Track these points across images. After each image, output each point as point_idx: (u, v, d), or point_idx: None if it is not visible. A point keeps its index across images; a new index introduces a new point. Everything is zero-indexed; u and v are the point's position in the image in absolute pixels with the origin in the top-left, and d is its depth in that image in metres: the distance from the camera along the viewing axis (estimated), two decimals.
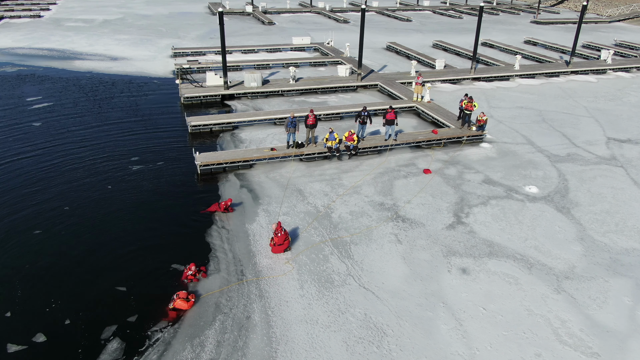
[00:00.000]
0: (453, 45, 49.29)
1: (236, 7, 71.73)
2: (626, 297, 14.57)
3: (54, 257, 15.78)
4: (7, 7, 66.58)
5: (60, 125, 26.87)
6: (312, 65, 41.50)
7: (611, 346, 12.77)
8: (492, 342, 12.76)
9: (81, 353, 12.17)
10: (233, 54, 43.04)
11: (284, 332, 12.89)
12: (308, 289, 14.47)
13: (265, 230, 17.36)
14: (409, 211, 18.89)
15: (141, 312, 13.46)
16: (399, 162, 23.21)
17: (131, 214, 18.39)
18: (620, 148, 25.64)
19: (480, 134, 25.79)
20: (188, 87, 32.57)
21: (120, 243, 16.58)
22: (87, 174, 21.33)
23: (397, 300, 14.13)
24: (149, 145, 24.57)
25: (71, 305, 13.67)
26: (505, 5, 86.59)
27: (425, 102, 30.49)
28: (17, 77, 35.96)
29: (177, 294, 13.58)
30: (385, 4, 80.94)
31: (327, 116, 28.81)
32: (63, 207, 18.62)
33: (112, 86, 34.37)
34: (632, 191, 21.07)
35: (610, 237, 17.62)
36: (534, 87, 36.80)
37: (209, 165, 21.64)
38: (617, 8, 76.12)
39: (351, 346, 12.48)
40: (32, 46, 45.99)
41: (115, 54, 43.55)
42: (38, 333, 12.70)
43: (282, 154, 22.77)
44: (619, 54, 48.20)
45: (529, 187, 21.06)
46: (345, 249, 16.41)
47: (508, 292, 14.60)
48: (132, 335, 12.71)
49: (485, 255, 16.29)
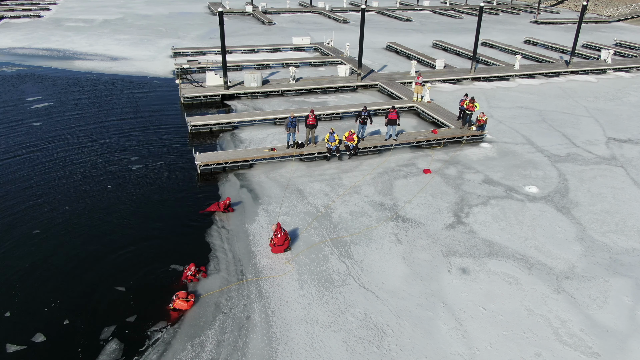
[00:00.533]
0: (453, 45, 49.29)
1: (236, 7, 71.72)
2: (626, 297, 14.57)
3: (53, 256, 15.75)
4: (7, 7, 66.59)
5: (60, 124, 26.83)
6: (312, 65, 41.50)
7: (611, 346, 12.76)
8: (492, 342, 12.76)
9: (80, 353, 12.16)
10: (233, 54, 43.05)
11: (284, 332, 12.88)
12: (308, 289, 14.46)
13: (265, 230, 17.35)
14: (409, 211, 18.88)
15: (141, 312, 13.45)
16: (399, 162, 23.20)
17: (131, 214, 18.39)
18: (620, 148, 25.64)
19: (480, 134, 25.78)
20: (188, 87, 32.57)
21: (119, 243, 16.56)
22: (86, 173, 21.31)
23: (397, 300, 14.13)
24: (148, 145, 24.56)
25: (70, 305, 13.66)
26: (505, 5, 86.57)
27: (425, 102, 30.49)
28: (17, 77, 35.93)
29: (176, 294, 13.61)
30: (385, 4, 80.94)
31: (327, 116, 28.81)
32: (63, 206, 18.61)
33: (112, 86, 34.36)
34: (632, 191, 21.06)
35: (610, 237, 17.61)
36: (534, 87, 36.80)
37: (208, 165, 21.63)
38: (617, 8, 76.12)
39: (351, 346, 12.48)
40: (32, 46, 45.99)
41: (115, 54, 43.54)
42: (37, 333, 12.68)
43: (282, 154, 22.77)
44: (619, 53, 48.19)
45: (529, 187, 21.06)
46: (345, 249, 16.41)
47: (508, 292, 14.60)
48: (131, 335, 12.70)
49: (485, 255, 16.28)
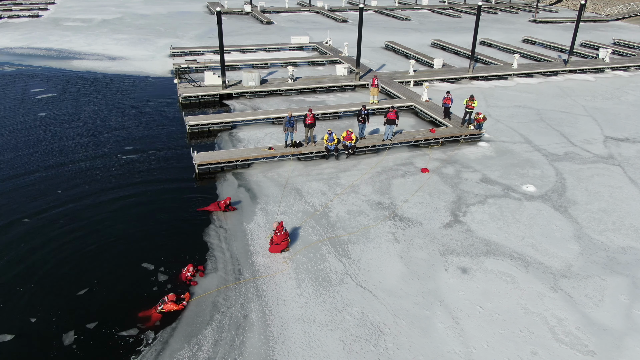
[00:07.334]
0: (451, 44, 49.30)
1: (235, 7, 71.66)
2: (622, 296, 14.62)
3: (51, 255, 15.78)
4: (5, 7, 66.48)
5: (59, 124, 26.85)
6: (311, 64, 41.52)
7: (607, 344, 12.81)
8: (489, 340, 12.80)
9: (77, 352, 12.18)
10: (231, 53, 43.04)
11: (281, 330, 12.92)
12: (305, 288, 14.50)
13: (263, 229, 17.37)
14: (407, 210, 18.92)
15: (138, 311, 13.44)
16: (396, 161, 23.23)
17: (128, 214, 18.41)
18: (618, 147, 25.68)
19: (478, 132, 25.82)
20: (186, 86, 32.57)
21: (117, 242, 16.58)
22: (82, 172, 21.33)
23: (394, 298, 14.16)
24: (146, 144, 24.55)
25: (67, 305, 13.69)
26: (503, 4, 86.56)
27: (423, 100, 30.54)
28: (15, 77, 35.90)
29: (167, 296, 13.44)
30: (383, 3, 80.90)
31: (325, 115, 28.83)
32: (63, 204, 18.65)
33: (110, 85, 34.35)
34: (629, 190, 21.11)
35: (607, 236, 17.66)
36: (532, 86, 36.82)
37: (207, 165, 21.65)
38: (616, 7, 76.15)
39: (348, 345, 12.51)
40: (31, 46, 45.93)
41: (113, 54, 43.50)
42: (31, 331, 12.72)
43: (280, 153, 22.79)
44: (617, 52, 48.22)
45: (526, 185, 21.10)
46: (343, 248, 16.44)
47: (505, 291, 14.64)
48: (129, 334, 12.72)
49: (483, 254, 16.32)
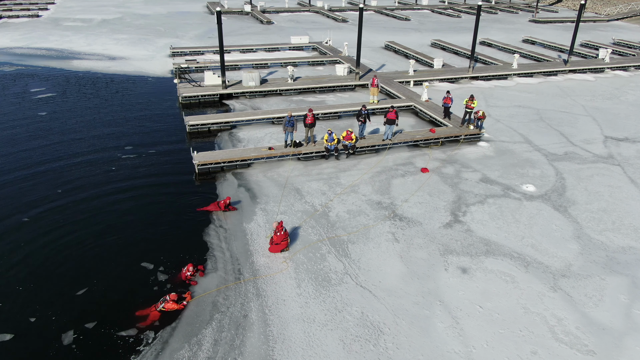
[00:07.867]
0: (451, 44, 49.29)
1: (234, 7, 71.63)
2: (622, 295, 14.63)
3: (48, 255, 15.78)
4: (5, 7, 66.46)
5: (58, 124, 26.86)
6: (311, 64, 41.52)
7: (607, 344, 12.82)
8: (489, 340, 12.81)
9: (77, 352, 12.19)
10: (231, 53, 43.01)
11: (281, 330, 12.93)
12: (305, 288, 14.51)
13: (262, 229, 17.38)
14: (407, 210, 18.93)
15: (137, 311, 13.44)
16: (396, 161, 23.24)
17: (128, 213, 18.41)
18: (618, 146, 25.69)
19: (478, 132, 25.83)
20: (186, 86, 32.58)
21: (116, 241, 16.59)
22: (82, 172, 21.34)
23: (394, 298, 14.17)
24: (146, 144, 24.57)
25: (66, 305, 13.69)
26: (503, 4, 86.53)
27: (423, 100, 30.54)
28: (15, 77, 35.90)
29: (168, 295, 13.49)
30: (383, 3, 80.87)
31: (325, 115, 28.83)
32: (62, 204, 18.67)
33: (110, 85, 34.34)
34: (629, 189, 21.12)
35: (607, 236, 17.66)
36: (532, 85, 36.83)
37: (206, 165, 21.65)
38: (616, 7, 76.15)
39: (348, 344, 12.52)
40: (31, 46, 45.92)
41: (113, 54, 43.49)
42: (31, 331, 12.73)
43: (279, 153, 22.80)
44: (617, 52, 48.22)
45: (526, 185, 21.10)
46: (343, 248, 16.45)
47: (505, 291, 14.65)
48: (128, 334, 12.73)
49: (482, 254, 16.33)
